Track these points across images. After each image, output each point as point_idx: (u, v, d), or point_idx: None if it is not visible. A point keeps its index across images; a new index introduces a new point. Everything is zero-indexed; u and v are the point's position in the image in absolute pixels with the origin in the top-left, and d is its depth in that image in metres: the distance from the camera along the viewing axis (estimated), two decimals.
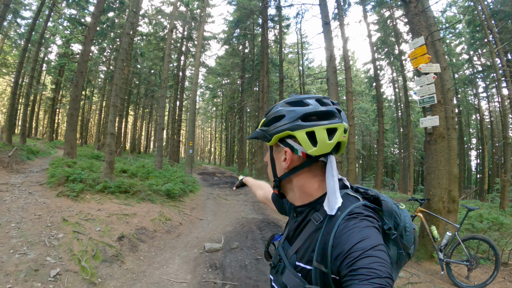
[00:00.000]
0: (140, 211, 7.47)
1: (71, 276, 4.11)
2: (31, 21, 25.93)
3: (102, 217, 6.49)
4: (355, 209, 0.88)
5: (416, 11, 5.77)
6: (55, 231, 5.40)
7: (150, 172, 11.81)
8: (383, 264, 0.70)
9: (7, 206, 6.60)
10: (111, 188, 8.53)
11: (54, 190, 8.37)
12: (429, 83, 5.46)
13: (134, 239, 5.89)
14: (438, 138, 5.41)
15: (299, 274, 0.92)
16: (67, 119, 12.85)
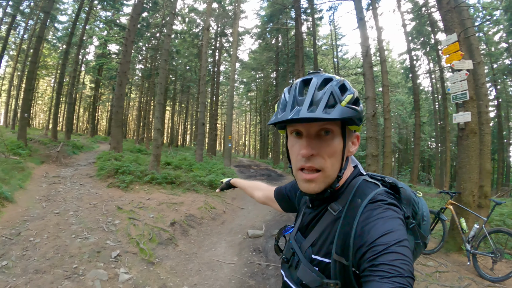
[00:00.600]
0: (186, 200, 8.03)
1: (130, 257, 4.59)
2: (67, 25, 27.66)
3: (153, 205, 7.09)
4: (377, 195, 0.85)
5: (448, 7, 5.76)
6: (111, 218, 5.98)
7: (192, 164, 12.46)
8: (406, 262, 0.67)
9: (63, 197, 7.34)
10: (158, 179, 9.23)
11: (104, 181, 9.17)
12: (462, 79, 5.52)
13: (184, 225, 6.42)
14: (469, 133, 5.49)
15: (316, 268, 0.88)
16: (113, 116, 13.80)
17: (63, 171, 10.94)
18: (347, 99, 0.86)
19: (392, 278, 0.64)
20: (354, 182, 0.95)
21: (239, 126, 71.72)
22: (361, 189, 0.90)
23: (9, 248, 4.35)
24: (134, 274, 4.17)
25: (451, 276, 4.58)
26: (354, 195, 0.89)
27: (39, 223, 5.38)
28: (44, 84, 39.24)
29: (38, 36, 14.64)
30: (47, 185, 8.52)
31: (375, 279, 0.65)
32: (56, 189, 8.07)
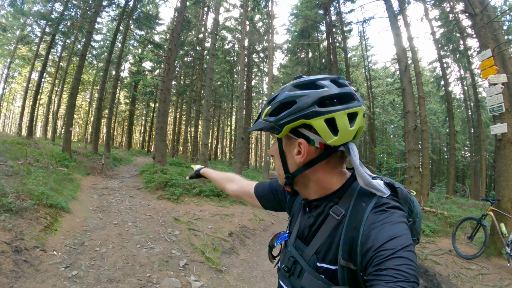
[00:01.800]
0: (236, 212, 8.34)
1: (198, 266, 4.85)
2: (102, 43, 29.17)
3: (207, 217, 7.43)
4: (382, 199, 0.85)
5: (482, 23, 6.03)
6: (171, 229, 6.30)
7: None
8: (412, 267, 0.69)
9: (117, 208, 7.70)
10: (206, 192, 9.63)
11: (153, 193, 9.60)
12: (498, 93, 5.75)
13: (241, 235, 6.72)
14: (507, 143, 5.75)
15: (323, 276, 0.87)
16: (158, 131, 14.40)
17: (110, 183, 11.46)
18: (265, 112, 0.94)
19: (397, 282, 0.66)
20: (354, 185, 0.93)
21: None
22: (364, 192, 0.88)
23: (76, 258, 4.52)
24: (205, 281, 4.40)
25: (493, 277, 4.85)
26: (357, 198, 0.88)
27: (101, 233, 5.67)
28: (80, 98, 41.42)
29: (81, 54, 15.62)
30: (98, 196, 8.97)
31: (381, 283, 0.67)
32: (108, 200, 8.49)
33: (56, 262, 4.24)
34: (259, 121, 0.96)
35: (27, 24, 22.87)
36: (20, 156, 10.81)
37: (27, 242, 4.44)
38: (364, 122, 0.90)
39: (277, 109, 0.91)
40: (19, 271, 3.77)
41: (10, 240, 4.22)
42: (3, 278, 3.51)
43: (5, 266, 3.70)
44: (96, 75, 32.47)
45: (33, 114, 20.53)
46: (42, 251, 4.46)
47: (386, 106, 35.73)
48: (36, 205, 5.62)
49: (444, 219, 8.57)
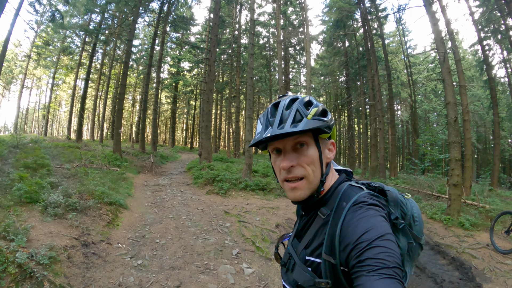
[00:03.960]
0: (281, 205, 8.66)
1: (249, 254, 5.21)
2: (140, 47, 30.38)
3: (254, 210, 7.82)
4: (360, 197, 0.91)
5: None
6: (222, 221, 6.73)
7: None
8: (391, 253, 0.72)
9: (170, 203, 8.24)
10: (251, 186, 10.07)
11: (202, 189, 10.15)
12: None
13: (286, 227, 7.01)
14: None
15: (309, 269, 0.93)
16: (203, 130, 15.11)
17: (160, 180, 12.12)
18: (313, 112, 0.97)
19: (378, 270, 0.68)
20: (340, 187, 1.01)
21: None
22: (347, 193, 0.96)
23: (139, 249, 4.97)
24: (256, 268, 4.74)
25: None
26: (340, 199, 0.95)
27: (159, 226, 6.17)
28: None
29: (124, 62, 16.61)
30: (151, 192, 9.59)
31: (363, 274, 0.70)
32: (161, 196, 9.08)
33: (121, 253, 4.71)
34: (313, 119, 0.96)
35: (67, 36, 24.16)
36: (74, 158, 11.61)
37: (94, 237, 4.94)
38: None
39: (322, 112, 1.00)
40: (89, 262, 4.21)
41: (78, 236, 4.71)
42: (76, 269, 3.92)
43: (76, 259, 4.12)
44: (137, 78, 33.96)
45: (81, 118, 21.77)
46: (108, 244, 4.95)
47: (428, 94, 34.25)
48: (98, 204, 6.19)
49: (485, 213, 8.38)
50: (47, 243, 4.05)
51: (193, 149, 32.71)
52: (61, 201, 5.53)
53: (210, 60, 14.90)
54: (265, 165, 14.75)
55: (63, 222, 4.98)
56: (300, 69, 36.08)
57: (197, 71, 34.19)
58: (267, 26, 28.17)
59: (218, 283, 4.11)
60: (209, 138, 15.30)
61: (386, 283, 0.67)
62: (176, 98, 33.61)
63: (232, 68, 27.00)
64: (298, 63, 32.76)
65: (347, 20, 24.38)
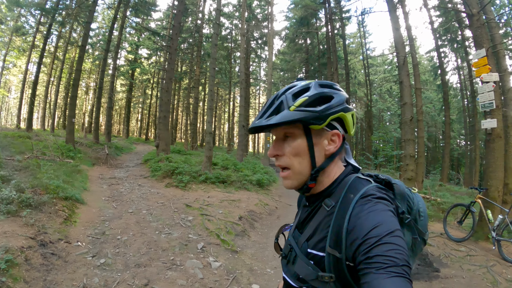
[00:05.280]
0: (242, 198, 8.73)
1: (214, 248, 5.19)
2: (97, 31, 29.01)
3: (216, 203, 7.80)
4: (368, 190, 0.88)
5: (478, 24, 6.31)
6: (184, 215, 6.64)
7: (236, 164, 13.18)
8: (400, 251, 0.70)
9: (128, 197, 7.98)
10: (211, 179, 10.03)
11: (161, 182, 9.94)
12: (489, 90, 6.10)
13: (249, 219, 7.10)
14: (496, 137, 6.21)
15: (311, 262, 0.91)
16: (161, 120, 14.67)
17: (116, 172, 11.74)
18: (298, 103, 0.92)
19: (387, 268, 0.66)
20: (347, 179, 0.96)
21: None
22: (354, 185, 0.92)
23: (100, 247, 4.74)
24: (223, 261, 4.73)
25: (479, 258, 5.35)
26: (347, 191, 0.91)
27: (119, 222, 5.94)
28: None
29: (81, 45, 15.71)
30: (108, 186, 9.24)
31: (372, 271, 0.68)
32: (118, 190, 8.77)
33: (82, 252, 4.47)
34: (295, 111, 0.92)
35: (21, 15, 22.71)
36: (25, 149, 10.99)
37: (51, 236, 4.62)
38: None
39: (315, 101, 0.93)
40: (48, 264, 3.95)
41: (34, 235, 4.39)
42: (35, 273, 3.66)
43: (35, 261, 3.85)
44: (93, 64, 32.40)
45: (32, 106, 20.43)
46: (67, 243, 4.66)
47: (383, 94, 35.98)
48: (53, 199, 5.82)
49: (437, 205, 9.11)
50: (2, 244, 3.74)
51: (148, 141, 31.85)
52: (14, 197, 5.12)
53: (172, 47, 14.50)
54: (224, 158, 14.63)
55: (17, 220, 4.61)
56: (261, 63, 36.29)
57: (155, 59, 33.23)
58: (231, 18, 28.09)
59: (187, 279, 4.06)
60: (167, 129, 14.97)
61: (395, 282, 0.65)
62: (132, 86, 32.47)
63: (192, 57, 26.50)
64: (258, 57, 32.94)
65: (311, 18, 25.01)
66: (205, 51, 25.92)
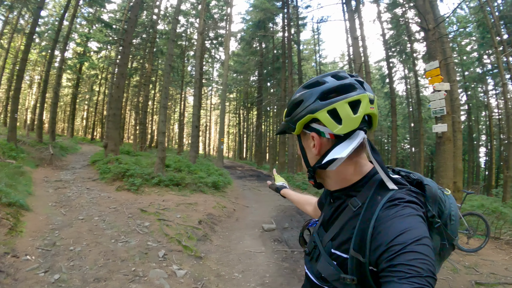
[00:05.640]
0: (198, 201, 8.52)
1: (177, 255, 4.96)
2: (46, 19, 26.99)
3: (172, 206, 7.55)
4: (397, 193, 0.84)
5: (433, 38, 6.96)
6: (140, 221, 6.31)
7: (189, 166, 12.81)
8: (426, 261, 0.67)
9: (77, 202, 7.46)
10: (165, 182, 9.67)
11: (111, 185, 9.42)
12: (441, 98, 6.69)
13: (209, 222, 6.95)
14: (446, 140, 6.82)
15: (335, 262, 0.89)
16: (110, 118, 13.78)
17: (62, 175, 10.96)
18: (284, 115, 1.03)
19: (410, 278, 0.64)
20: (376, 177, 0.93)
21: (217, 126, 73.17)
22: (383, 186, 0.88)
23: (52, 261, 4.27)
24: (188, 269, 4.53)
25: None
26: (374, 192, 0.89)
27: (70, 230, 5.48)
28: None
29: (29, 32, 14.47)
30: (53, 190, 8.56)
31: (394, 280, 0.66)
32: (65, 194, 8.15)
33: (33, 268, 4.01)
34: (282, 123, 1.07)
35: None
36: None
37: None
38: (372, 108, 0.93)
39: (291, 109, 0.99)
40: None
41: None
42: None
43: None
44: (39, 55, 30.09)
45: None
46: (14, 257, 4.18)
47: None
48: None
49: None
50: None
51: (94, 140, 30.09)
52: None
53: (126, 41, 13.73)
54: (176, 159, 14.14)
55: None
56: (214, 64, 36.02)
57: (105, 54, 31.69)
58: (188, 15, 27.55)
59: None
60: (117, 128, 14.13)
61: None
62: (79, 81, 30.59)
63: (145, 54, 25.53)
64: (212, 58, 32.56)
65: (268, 22, 25.66)
66: (158, 48, 25.17)
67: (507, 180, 12.70)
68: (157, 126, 37.39)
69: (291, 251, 5.84)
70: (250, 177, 18.60)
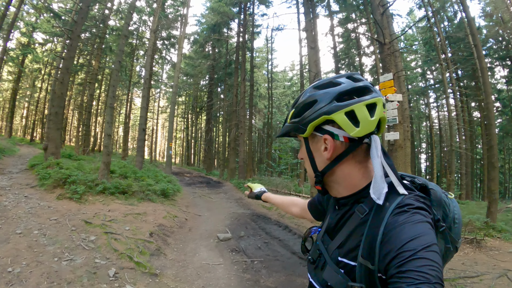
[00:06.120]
0: (147, 210, 8.05)
1: (129, 273, 4.53)
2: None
3: (119, 217, 6.97)
4: (406, 199, 0.83)
5: (389, 52, 7.36)
6: (84, 234, 5.67)
7: (135, 172, 12.12)
8: (435, 267, 0.67)
9: (14, 212, 6.59)
10: (110, 189, 8.94)
11: (51, 192, 8.49)
12: (393, 108, 6.95)
13: (161, 234, 6.55)
14: (398, 148, 7.17)
15: (342, 271, 0.88)
16: (51, 117, 12.38)
17: None
18: (290, 115, 1.00)
19: (419, 284, 0.64)
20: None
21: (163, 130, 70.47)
22: (391, 191, 0.87)
23: None
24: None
25: None
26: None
27: (7, 247, 4.77)
28: None
29: None
30: None
31: (403, 286, 0.66)
32: (1, 203, 7.14)
33: None
34: (285, 125, 1.03)
35: None
36: None
37: None
38: (384, 112, 0.93)
39: (301, 110, 0.96)
40: None
41: None
42: None
43: None
44: None
45: None
46: None
47: (281, 107, 39.43)
48: None
49: None
50: None
51: (33, 142, 27.64)
52: None
53: (75, 33, 12.39)
54: (121, 165, 13.16)
55: None
56: (164, 66, 35.29)
57: (51, 47, 29.53)
58: (141, 12, 26.58)
59: None
60: (58, 129, 12.72)
61: None
62: (20, 75, 28.12)
63: (93, 50, 24.11)
64: (163, 59, 31.55)
65: (223, 27, 25.69)
66: (107, 45, 23.99)
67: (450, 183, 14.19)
68: (101, 128, 35.62)
69: (251, 261, 5.70)
70: (199, 184, 18.38)
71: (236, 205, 11.90)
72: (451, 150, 16.70)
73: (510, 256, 6.42)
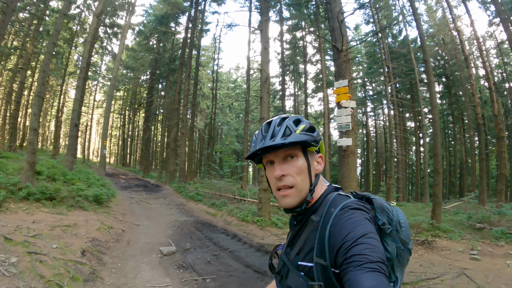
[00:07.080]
0: (78, 221, 6.97)
1: None
2: None
3: (45, 231, 5.81)
4: (347, 203, 0.97)
5: (345, 59, 7.42)
6: (4, 255, 4.46)
7: (65, 174, 10.80)
8: (374, 249, 0.78)
9: None
10: (36, 195, 7.63)
11: None
12: (347, 114, 7.06)
13: (95, 252, 5.60)
14: (350, 153, 7.19)
15: (302, 273, 0.97)
16: None
17: None
18: (301, 128, 1.07)
19: (363, 264, 0.75)
20: (329, 196, 1.07)
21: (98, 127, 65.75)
22: (335, 201, 1.02)
23: None
24: None
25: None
26: (329, 206, 1.01)
27: None
28: None
29: None
30: None
31: (350, 269, 0.76)
32: None
33: None
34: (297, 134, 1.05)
35: None
36: None
37: None
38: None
39: (310, 129, 1.09)
40: None
41: None
42: None
43: None
44: None
45: None
46: None
47: (224, 108, 39.26)
48: None
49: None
50: None
51: None
52: None
53: (10, 7, 10.61)
54: (49, 165, 11.58)
55: None
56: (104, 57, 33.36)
57: None
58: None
59: None
60: None
61: (370, 276, 0.73)
62: None
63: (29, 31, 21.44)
64: (103, 48, 29.36)
65: (171, 20, 24.95)
66: (45, 28, 21.65)
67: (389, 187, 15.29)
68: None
69: (202, 279, 5.02)
70: (136, 188, 17.37)
71: (177, 212, 11.25)
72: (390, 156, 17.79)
73: (461, 255, 6.92)
